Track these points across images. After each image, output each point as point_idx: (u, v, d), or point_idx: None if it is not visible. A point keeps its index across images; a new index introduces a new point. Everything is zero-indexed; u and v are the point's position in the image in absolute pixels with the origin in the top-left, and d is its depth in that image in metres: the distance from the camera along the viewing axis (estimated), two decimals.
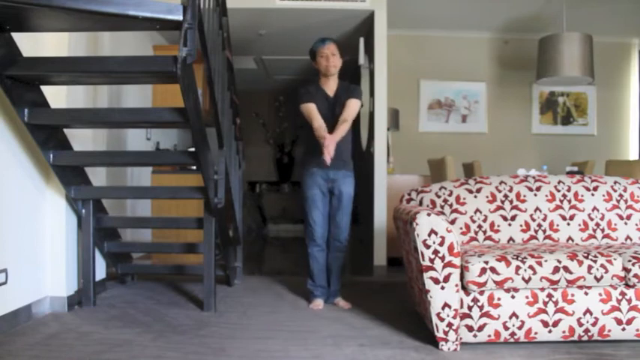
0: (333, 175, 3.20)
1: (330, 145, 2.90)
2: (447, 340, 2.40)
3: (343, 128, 3.08)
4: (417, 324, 2.81)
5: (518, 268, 2.37)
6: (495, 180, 3.08)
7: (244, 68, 7.37)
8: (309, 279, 3.32)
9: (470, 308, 2.40)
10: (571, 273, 2.38)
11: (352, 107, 3.17)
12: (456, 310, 2.38)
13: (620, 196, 3.03)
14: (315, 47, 3.23)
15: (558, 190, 3.03)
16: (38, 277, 3.00)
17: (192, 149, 3.09)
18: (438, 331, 2.40)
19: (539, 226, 2.96)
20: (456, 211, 2.99)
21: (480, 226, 2.96)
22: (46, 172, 3.04)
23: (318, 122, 3.09)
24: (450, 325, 2.38)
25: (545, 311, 2.40)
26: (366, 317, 3.00)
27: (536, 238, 2.94)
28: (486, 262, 2.37)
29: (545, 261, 2.39)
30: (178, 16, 2.20)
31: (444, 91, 6.31)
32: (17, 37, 2.48)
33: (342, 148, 3.17)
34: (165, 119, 2.84)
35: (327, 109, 3.19)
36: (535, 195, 3.01)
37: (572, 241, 2.94)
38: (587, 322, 2.41)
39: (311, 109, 3.16)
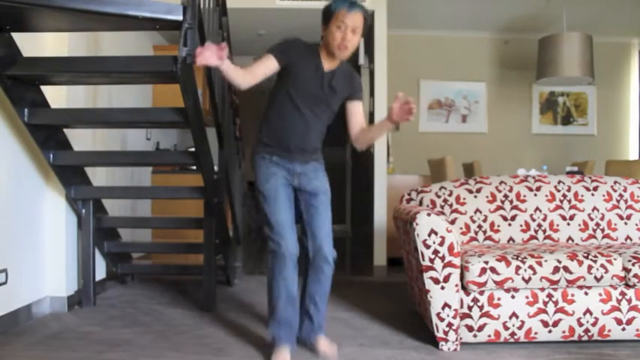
0: (300, 169, 2.31)
1: None
2: (447, 340, 2.40)
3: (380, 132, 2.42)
4: (417, 324, 2.81)
5: (518, 268, 2.37)
6: (495, 180, 3.08)
7: None
8: (269, 316, 2.31)
9: (470, 308, 2.40)
10: (571, 273, 2.38)
11: (362, 114, 2.43)
12: (456, 310, 2.38)
13: (620, 196, 3.03)
14: (335, 7, 2.17)
15: (558, 190, 3.03)
16: (38, 277, 3.00)
17: (192, 149, 3.09)
18: (438, 331, 2.40)
19: (539, 226, 2.96)
20: (456, 211, 2.99)
21: (480, 226, 2.96)
22: (46, 172, 3.04)
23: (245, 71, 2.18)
24: (450, 325, 2.38)
25: (545, 311, 2.40)
26: (366, 317, 3.00)
27: (536, 238, 2.94)
28: (486, 262, 2.37)
29: (545, 261, 2.39)
30: (178, 16, 2.20)
31: (444, 91, 6.31)
32: (17, 37, 2.48)
33: (313, 136, 2.32)
34: (165, 119, 2.84)
35: (316, 85, 2.27)
36: (535, 195, 3.01)
37: (572, 241, 2.94)
38: (587, 322, 2.41)
39: (263, 62, 2.23)
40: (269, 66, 2.23)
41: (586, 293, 2.42)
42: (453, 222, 2.94)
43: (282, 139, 2.28)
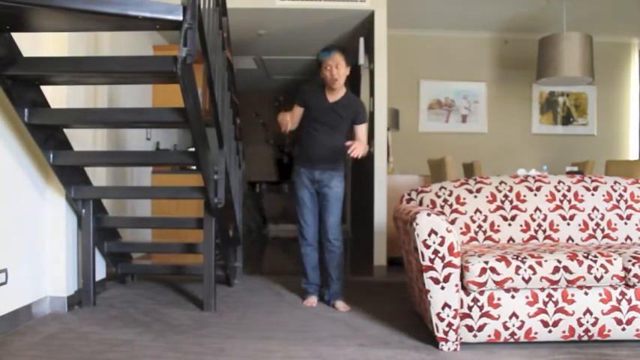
0: (318, 177, 3.21)
1: (359, 148, 3.05)
2: (447, 340, 2.40)
3: (364, 141, 3.23)
4: (417, 324, 2.81)
5: (518, 268, 2.37)
6: (495, 180, 3.08)
7: (244, 68, 7.37)
8: (303, 277, 3.39)
9: (470, 308, 2.40)
10: (571, 273, 2.38)
11: (364, 134, 3.28)
12: (456, 310, 2.38)
13: (620, 196, 3.03)
14: (320, 58, 3.18)
15: (558, 190, 3.03)
16: (38, 277, 3.00)
17: (192, 149, 3.09)
18: (438, 331, 2.40)
19: (539, 226, 2.96)
20: (456, 211, 2.99)
21: (480, 226, 2.96)
22: (46, 172, 3.04)
23: (289, 117, 3.21)
24: (450, 325, 2.38)
25: (545, 311, 2.40)
26: (366, 317, 3.00)
27: (536, 238, 2.94)
28: (486, 262, 2.37)
29: (545, 261, 2.39)
30: (178, 16, 2.20)
31: (444, 91, 6.31)
32: (17, 37, 2.47)
33: (331, 151, 3.20)
34: (165, 119, 2.84)
35: (325, 114, 3.19)
36: (535, 195, 3.01)
37: (572, 241, 2.94)
38: (587, 322, 2.41)
39: (295, 110, 3.25)
40: (299, 112, 3.27)
41: (586, 293, 2.42)
42: (453, 222, 2.94)
43: (307, 153, 3.24)
